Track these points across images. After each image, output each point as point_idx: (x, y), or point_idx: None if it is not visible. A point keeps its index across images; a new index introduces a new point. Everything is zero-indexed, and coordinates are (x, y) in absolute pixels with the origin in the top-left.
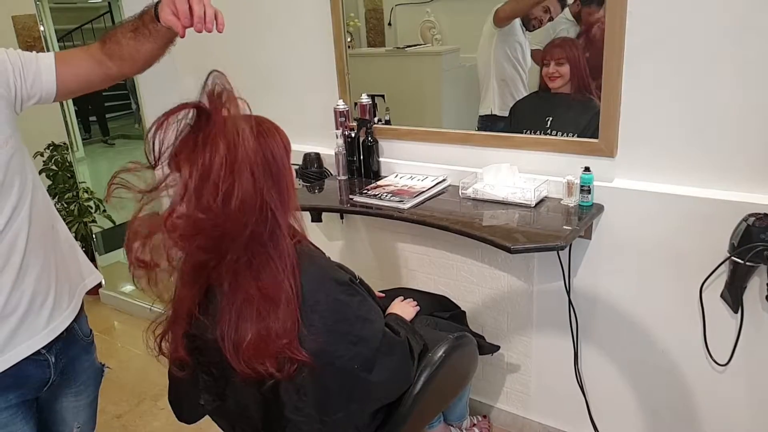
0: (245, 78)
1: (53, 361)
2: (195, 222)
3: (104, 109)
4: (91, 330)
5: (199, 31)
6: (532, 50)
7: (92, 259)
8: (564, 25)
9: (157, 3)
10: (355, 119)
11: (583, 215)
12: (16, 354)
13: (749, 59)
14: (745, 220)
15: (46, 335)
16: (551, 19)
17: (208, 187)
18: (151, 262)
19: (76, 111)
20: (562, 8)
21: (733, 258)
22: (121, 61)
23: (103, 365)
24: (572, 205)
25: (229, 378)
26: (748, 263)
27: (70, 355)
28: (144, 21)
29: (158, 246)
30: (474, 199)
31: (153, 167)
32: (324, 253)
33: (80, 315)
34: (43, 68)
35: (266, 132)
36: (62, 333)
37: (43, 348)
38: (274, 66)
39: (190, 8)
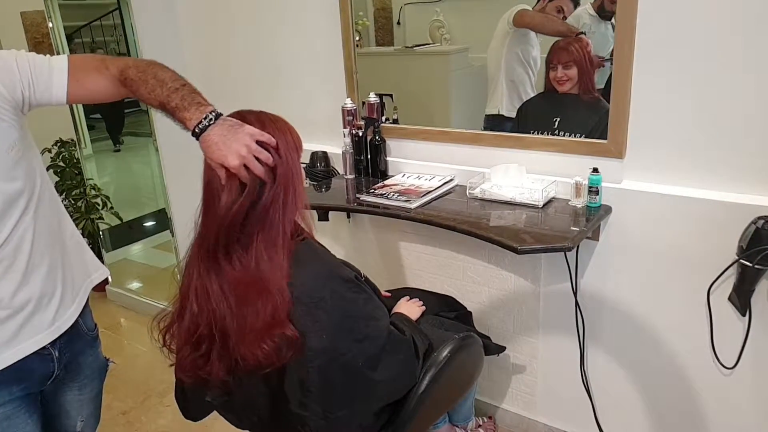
0: (254, 76)
1: (57, 355)
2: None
3: (123, 115)
4: (95, 324)
5: None
6: None
7: (99, 256)
8: (587, 20)
9: (198, 131)
10: (362, 118)
11: (591, 216)
12: (21, 350)
13: (761, 60)
14: (754, 222)
15: (51, 333)
16: (564, 18)
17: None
18: None
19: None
20: (575, 7)
21: (741, 261)
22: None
23: (108, 360)
24: (580, 206)
25: (235, 373)
26: (756, 266)
27: (75, 349)
28: (175, 117)
29: None
30: (481, 200)
31: None
32: (329, 251)
33: (85, 310)
34: (54, 84)
35: (278, 131)
36: (67, 328)
37: (47, 343)
38: (282, 64)
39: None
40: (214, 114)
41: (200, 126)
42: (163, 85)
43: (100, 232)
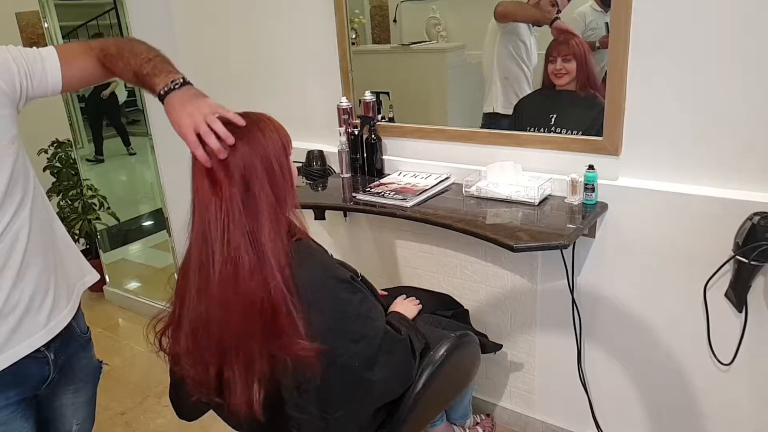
0: (249, 75)
1: (52, 358)
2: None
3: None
4: (88, 327)
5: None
6: None
7: (96, 257)
8: (592, 16)
9: (162, 93)
10: (358, 117)
11: (587, 214)
12: (16, 353)
13: (757, 57)
14: (750, 219)
15: (45, 334)
16: (559, 11)
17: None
18: None
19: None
20: (569, 0)
21: (737, 257)
22: (117, 76)
23: (101, 362)
24: (576, 203)
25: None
26: (752, 262)
27: (69, 352)
28: (146, 84)
29: None
30: (477, 198)
31: None
32: (326, 251)
33: (78, 312)
34: (48, 70)
35: (263, 131)
36: (61, 331)
37: (42, 346)
38: (278, 63)
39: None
40: (181, 80)
41: (165, 89)
42: (137, 56)
43: (98, 233)
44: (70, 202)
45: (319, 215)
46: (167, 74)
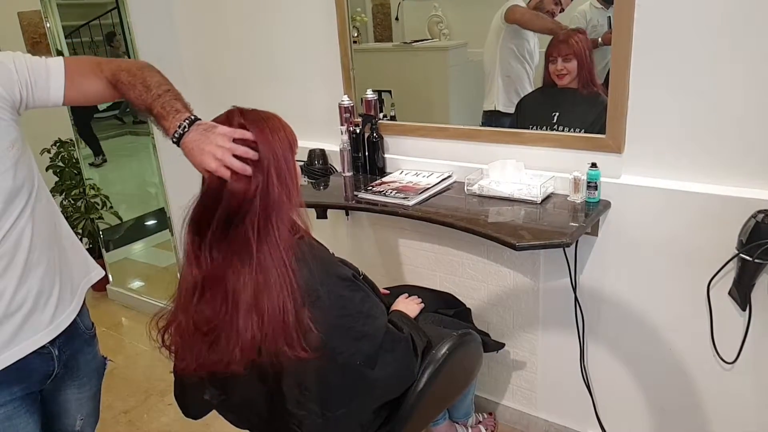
0: (251, 74)
1: (57, 354)
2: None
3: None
4: (93, 323)
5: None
6: None
7: (99, 256)
8: (592, 14)
9: (175, 140)
10: (360, 115)
11: (590, 212)
12: (21, 350)
13: (760, 54)
14: (754, 216)
15: (50, 332)
16: (562, 10)
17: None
18: None
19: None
20: None
21: (741, 255)
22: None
23: (106, 358)
24: (579, 201)
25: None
26: (756, 260)
27: (73, 348)
28: (158, 125)
29: None
30: (479, 196)
31: None
32: (327, 249)
33: (82, 308)
34: (52, 84)
35: (271, 130)
36: (66, 327)
37: (46, 342)
38: (279, 62)
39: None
40: (187, 121)
41: (176, 135)
42: (148, 91)
43: (100, 232)
44: (72, 202)
45: (321, 214)
46: (174, 115)
